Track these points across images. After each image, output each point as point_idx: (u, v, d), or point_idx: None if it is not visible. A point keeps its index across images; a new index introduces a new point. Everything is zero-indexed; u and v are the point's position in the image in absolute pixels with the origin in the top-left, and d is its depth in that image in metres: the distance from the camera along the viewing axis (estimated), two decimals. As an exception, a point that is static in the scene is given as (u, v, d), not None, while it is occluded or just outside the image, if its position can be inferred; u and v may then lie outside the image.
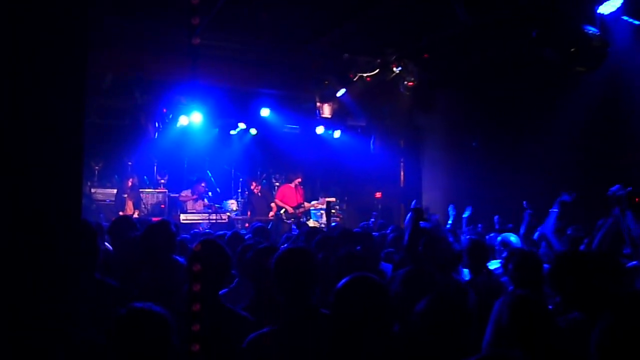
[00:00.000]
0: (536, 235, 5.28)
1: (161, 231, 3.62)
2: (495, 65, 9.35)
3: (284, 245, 5.32)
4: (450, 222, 7.50)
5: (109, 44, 8.93)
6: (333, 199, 12.34)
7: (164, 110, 11.80)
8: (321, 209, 12.22)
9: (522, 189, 8.51)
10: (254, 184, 11.88)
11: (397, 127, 12.83)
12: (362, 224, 8.11)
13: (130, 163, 12.63)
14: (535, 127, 9.56)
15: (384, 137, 13.07)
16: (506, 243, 4.94)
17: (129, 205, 11.04)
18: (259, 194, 11.87)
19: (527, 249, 4.05)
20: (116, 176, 12.67)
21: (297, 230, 7.10)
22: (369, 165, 13.33)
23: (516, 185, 9.52)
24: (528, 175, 9.71)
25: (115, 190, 11.69)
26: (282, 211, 11.25)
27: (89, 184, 12.03)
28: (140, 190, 11.76)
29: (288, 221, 10.96)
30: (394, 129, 12.87)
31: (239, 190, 13.48)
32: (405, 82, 10.23)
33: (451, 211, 7.74)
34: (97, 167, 12.48)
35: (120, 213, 10.40)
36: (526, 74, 9.15)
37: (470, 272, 4.14)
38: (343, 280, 2.23)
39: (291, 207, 11.26)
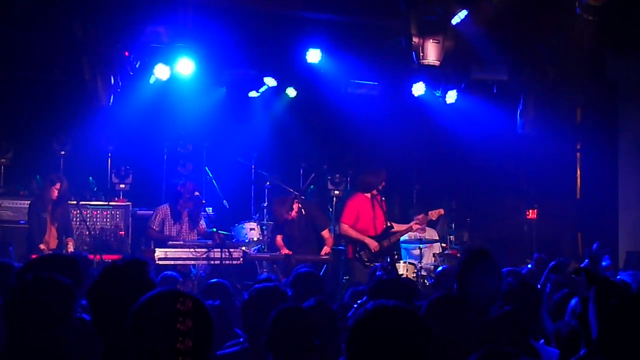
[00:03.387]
0: None
1: (130, 285, 3.53)
2: None
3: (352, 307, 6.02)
4: None
5: None
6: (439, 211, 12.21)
7: (127, 55, 11.70)
8: (419, 241, 12.04)
9: None
10: (291, 213, 11.43)
11: (569, 84, 12.71)
12: (506, 269, 7.83)
13: (63, 153, 12.64)
14: None
15: (543, 103, 12.89)
16: None
17: (52, 234, 11.13)
18: (303, 220, 11.65)
19: None
20: (38, 177, 12.56)
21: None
22: (514, 156, 13.44)
23: None
24: None
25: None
26: (362, 252, 11.37)
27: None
28: (82, 202, 11.91)
29: (371, 265, 10.71)
30: (563, 88, 12.75)
31: (264, 205, 13.64)
32: (587, -4, 10.56)
33: None
34: (2, 161, 12.55)
35: (42, 247, 10.60)
36: None
37: None
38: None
39: (373, 236, 11.38)
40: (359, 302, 6.39)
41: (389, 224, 11.52)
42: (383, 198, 11.77)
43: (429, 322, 3.15)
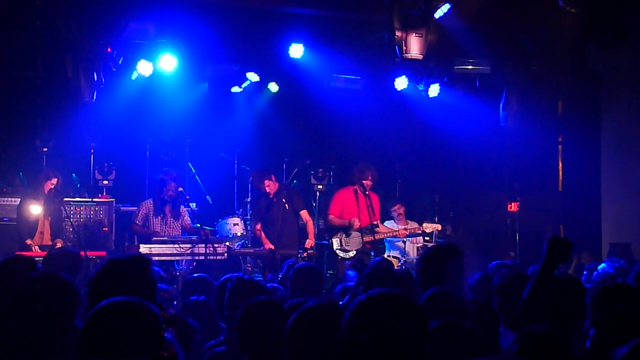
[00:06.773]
0: None
1: (132, 281, 3.64)
2: None
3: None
4: None
5: None
6: (436, 226, 12.34)
7: (109, 51, 11.74)
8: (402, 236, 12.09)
9: None
10: (267, 182, 11.74)
11: (551, 77, 12.72)
12: (492, 264, 7.78)
13: (45, 149, 12.64)
14: None
15: (525, 96, 12.89)
16: None
17: (45, 228, 11.05)
18: (285, 202, 11.78)
19: None
20: (21, 174, 12.61)
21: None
22: (496, 149, 13.50)
23: None
24: None
25: (17, 200, 11.44)
26: (334, 239, 11.62)
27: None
28: (65, 199, 11.79)
29: (347, 261, 11.02)
30: (545, 81, 12.77)
31: (248, 200, 13.61)
32: (569, -10, 10.37)
33: None
34: (-16, 158, 12.45)
35: (28, 242, 10.59)
36: None
37: None
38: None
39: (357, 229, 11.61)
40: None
41: (374, 222, 11.53)
42: (368, 193, 11.74)
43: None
